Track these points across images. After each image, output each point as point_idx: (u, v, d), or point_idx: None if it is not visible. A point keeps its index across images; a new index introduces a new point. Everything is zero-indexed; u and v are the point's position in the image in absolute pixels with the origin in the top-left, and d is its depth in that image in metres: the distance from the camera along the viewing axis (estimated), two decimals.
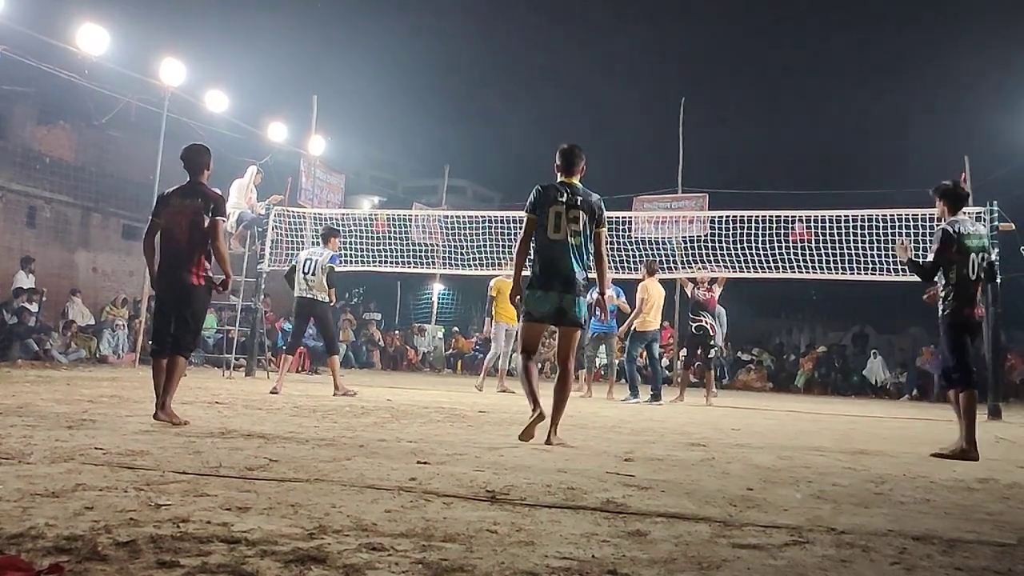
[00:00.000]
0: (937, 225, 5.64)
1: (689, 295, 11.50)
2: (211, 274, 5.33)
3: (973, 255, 5.31)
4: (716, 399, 11.35)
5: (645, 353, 11.22)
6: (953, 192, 5.56)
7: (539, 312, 5.01)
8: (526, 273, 5.18)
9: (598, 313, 8.38)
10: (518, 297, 5.13)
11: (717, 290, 11.28)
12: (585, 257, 5.07)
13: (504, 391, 10.99)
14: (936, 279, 5.49)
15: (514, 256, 5.28)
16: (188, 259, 5.22)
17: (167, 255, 5.29)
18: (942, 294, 5.44)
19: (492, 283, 11.64)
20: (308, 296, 8.86)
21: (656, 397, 10.39)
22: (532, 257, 5.14)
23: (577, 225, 5.03)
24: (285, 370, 9.08)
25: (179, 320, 5.22)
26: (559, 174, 5.21)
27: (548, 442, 4.73)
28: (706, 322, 11.05)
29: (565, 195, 5.06)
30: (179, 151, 5.72)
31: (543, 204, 5.03)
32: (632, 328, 10.56)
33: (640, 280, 10.81)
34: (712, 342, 11.08)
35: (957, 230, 5.33)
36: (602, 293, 5.80)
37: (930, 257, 5.43)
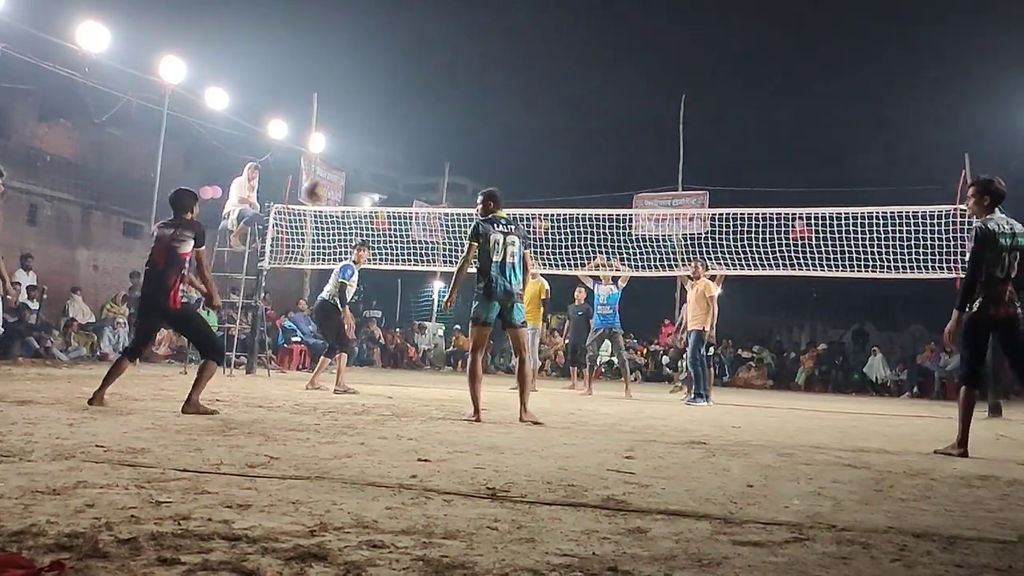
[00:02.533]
0: (970, 222, 5.36)
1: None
2: (188, 296, 5.98)
3: (1006, 254, 5.15)
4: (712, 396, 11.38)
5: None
6: (991, 187, 5.38)
7: (485, 317, 6.26)
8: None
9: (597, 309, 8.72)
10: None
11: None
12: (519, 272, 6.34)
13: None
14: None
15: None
16: (165, 284, 5.77)
17: (146, 280, 5.96)
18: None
19: None
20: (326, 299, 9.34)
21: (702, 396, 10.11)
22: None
23: (513, 247, 6.32)
24: (322, 370, 9.56)
25: (191, 339, 6.22)
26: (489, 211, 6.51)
27: (521, 420, 5.93)
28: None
29: (500, 225, 6.37)
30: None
31: (485, 233, 6.29)
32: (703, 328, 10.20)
33: (695, 279, 10.50)
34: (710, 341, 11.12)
35: (992, 228, 5.20)
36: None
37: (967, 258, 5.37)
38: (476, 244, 6.29)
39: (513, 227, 6.45)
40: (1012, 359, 5.36)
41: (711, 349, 11.47)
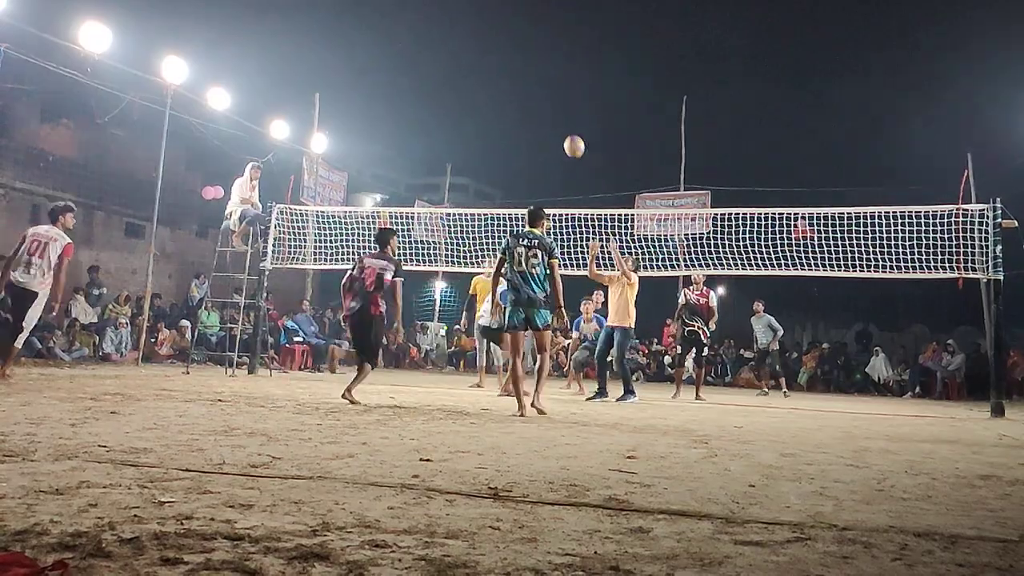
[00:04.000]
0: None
1: (683, 299, 11.54)
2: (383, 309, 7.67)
3: None
4: (704, 396, 11.46)
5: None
6: None
7: (514, 323, 7.16)
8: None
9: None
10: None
11: (712, 296, 11.34)
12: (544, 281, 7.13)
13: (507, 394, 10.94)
14: None
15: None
16: (373, 298, 7.62)
17: (357, 295, 7.65)
18: None
19: (473, 281, 11.72)
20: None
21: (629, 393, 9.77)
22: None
23: (536, 259, 7.10)
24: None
25: (364, 341, 7.74)
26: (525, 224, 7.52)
27: (532, 404, 6.87)
28: (698, 326, 11.23)
29: (525, 239, 7.19)
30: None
31: (511, 246, 7.20)
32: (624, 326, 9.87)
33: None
34: (704, 343, 11.48)
35: None
36: (558, 306, 7.21)
37: None
38: (504, 257, 7.26)
39: (538, 241, 7.14)
40: None
41: (704, 349, 11.51)
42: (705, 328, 11.48)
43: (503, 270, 7.31)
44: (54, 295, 8.53)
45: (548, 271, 7.11)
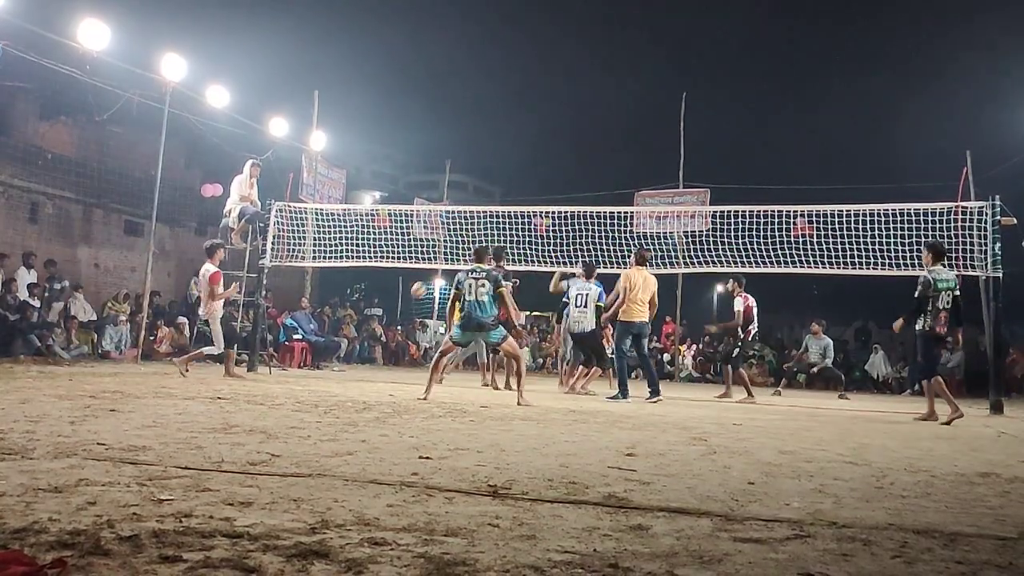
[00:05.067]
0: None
1: (750, 307, 11.46)
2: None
3: (943, 293, 8.25)
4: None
5: (634, 347, 10.23)
6: (936, 248, 8.68)
7: (458, 340, 8.56)
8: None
9: None
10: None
11: (737, 301, 11.40)
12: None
13: (498, 388, 10.93)
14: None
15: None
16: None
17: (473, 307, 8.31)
18: (922, 319, 8.42)
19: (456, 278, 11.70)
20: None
21: (655, 392, 9.69)
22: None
23: (484, 289, 8.24)
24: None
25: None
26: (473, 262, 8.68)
27: (518, 404, 7.61)
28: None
29: (475, 274, 8.34)
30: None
31: (461, 280, 8.39)
32: (618, 319, 9.86)
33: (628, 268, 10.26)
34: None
35: (934, 277, 8.30)
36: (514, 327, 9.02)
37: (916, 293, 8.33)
38: (458, 291, 8.40)
39: (485, 274, 8.33)
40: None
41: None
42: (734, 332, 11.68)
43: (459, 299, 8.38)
44: (208, 311, 10.26)
45: (496, 298, 8.29)
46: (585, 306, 10.43)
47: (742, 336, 11.54)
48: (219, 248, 10.65)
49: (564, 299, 11.22)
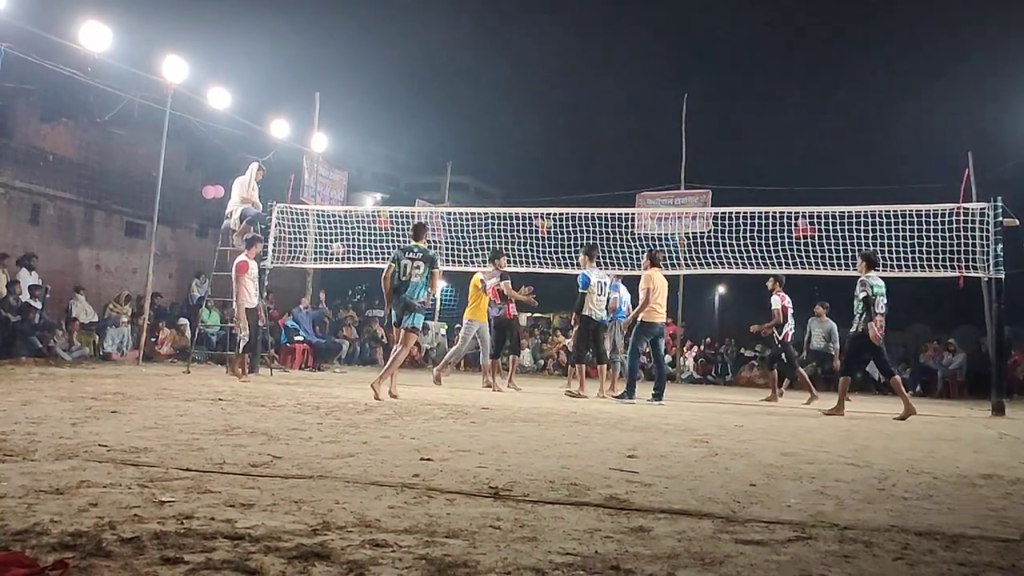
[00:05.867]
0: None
1: (786, 307, 11.54)
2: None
3: (879, 298, 8.80)
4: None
5: (650, 349, 10.15)
6: (870, 257, 9.25)
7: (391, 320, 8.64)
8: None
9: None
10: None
11: (774, 299, 11.45)
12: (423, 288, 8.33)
13: (493, 388, 10.92)
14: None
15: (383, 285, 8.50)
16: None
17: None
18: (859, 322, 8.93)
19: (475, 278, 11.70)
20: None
21: (659, 396, 9.53)
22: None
23: (418, 270, 8.26)
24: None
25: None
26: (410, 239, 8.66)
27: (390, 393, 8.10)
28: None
29: (411, 253, 8.35)
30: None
31: (398, 258, 8.36)
32: (639, 320, 9.69)
33: (644, 270, 10.05)
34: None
35: (872, 283, 8.84)
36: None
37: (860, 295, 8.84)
38: (393, 265, 8.33)
39: (421, 253, 8.31)
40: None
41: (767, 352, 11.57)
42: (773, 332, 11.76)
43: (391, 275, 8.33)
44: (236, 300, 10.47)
45: (428, 279, 8.32)
46: (602, 294, 10.46)
47: (779, 337, 11.56)
48: (257, 242, 10.85)
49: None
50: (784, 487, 3.40)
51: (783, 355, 11.76)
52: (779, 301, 11.45)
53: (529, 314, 22.24)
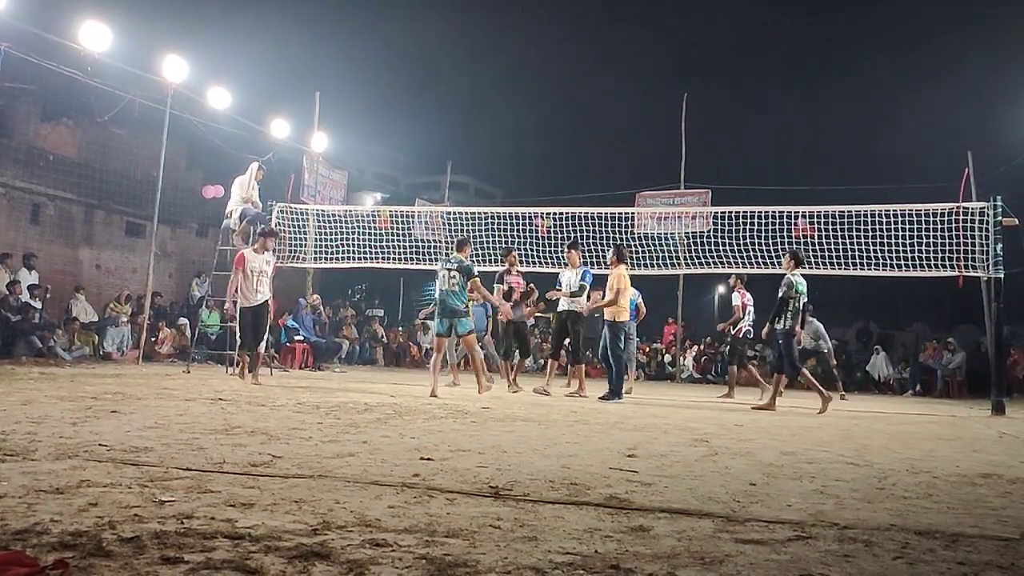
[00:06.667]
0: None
1: (745, 303, 11.50)
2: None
3: (801, 296, 9.08)
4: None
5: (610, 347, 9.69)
6: (797, 255, 9.47)
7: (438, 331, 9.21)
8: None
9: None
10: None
11: (734, 296, 11.43)
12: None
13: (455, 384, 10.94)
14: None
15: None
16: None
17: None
18: (782, 320, 9.08)
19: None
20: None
21: (614, 394, 9.34)
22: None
23: (455, 279, 9.01)
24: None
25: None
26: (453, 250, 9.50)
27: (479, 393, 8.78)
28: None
29: (449, 263, 9.15)
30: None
31: (439, 269, 9.25)
32: (611, 320, 9.47)
33: (611, 266, 9.79)
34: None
35: (796, 281, 9.07)
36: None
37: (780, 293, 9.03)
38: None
39: (458, 264, 9.03)
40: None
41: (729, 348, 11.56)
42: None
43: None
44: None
45: (467, 288, 9.03)
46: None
47: (731, 333, 11.58)
48: (267, 237, 9.97)
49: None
50: (784, 486, 3.40)
51: (730, 350, 11.79)
52: (739, 298, 11.50)
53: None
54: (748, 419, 7.56)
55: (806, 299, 9.23)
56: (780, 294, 9.09)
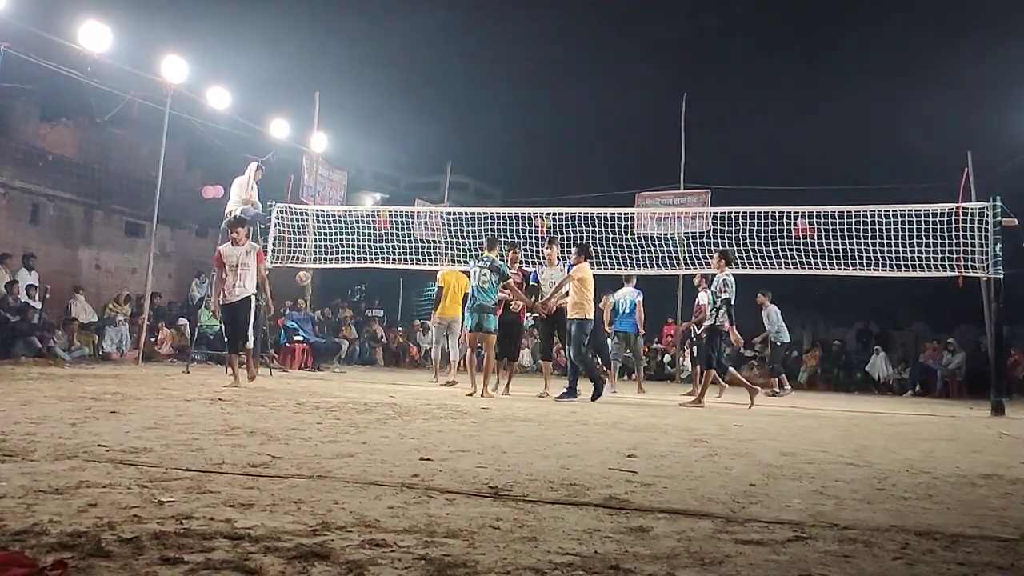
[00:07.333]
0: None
1: (705, 303, 11.49)
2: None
3: (732, 295, 9.29)
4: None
5: (572, 347, 9.57)
6: (727, 255, 9.78)
7: (471, 326, 9.43)
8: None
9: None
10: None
11: (700, 295, 11.50)
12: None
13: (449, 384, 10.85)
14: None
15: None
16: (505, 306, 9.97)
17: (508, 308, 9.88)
18: (713, 315, 9.39)
19: (440, 275, 11.72)
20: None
21: (571, 394, 9.21)
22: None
23: (486, 277, 9.26)
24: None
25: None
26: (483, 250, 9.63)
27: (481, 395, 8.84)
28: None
29: (483, 261, 9.38)
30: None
31: (472, 267, 9.49)
32: (578, 319, 9.31)
33: (574, 262, 9.65)
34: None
35: (732, 283, 9.32)
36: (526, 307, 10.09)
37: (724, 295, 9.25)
38: (468, 276, 9.58)
39: (490, 263, 9.26)
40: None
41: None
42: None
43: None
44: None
45: (498, 287, 9.27)
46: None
47: (699, 332, 11.58)
48: (231, 227, 9.34)
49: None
50: (784, 487, 3.40)
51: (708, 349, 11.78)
52: (705, 297, 11.51)
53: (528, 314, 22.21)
54: (747, 420, 7.56)
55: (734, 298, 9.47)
56: (725, 296, 9.26)
